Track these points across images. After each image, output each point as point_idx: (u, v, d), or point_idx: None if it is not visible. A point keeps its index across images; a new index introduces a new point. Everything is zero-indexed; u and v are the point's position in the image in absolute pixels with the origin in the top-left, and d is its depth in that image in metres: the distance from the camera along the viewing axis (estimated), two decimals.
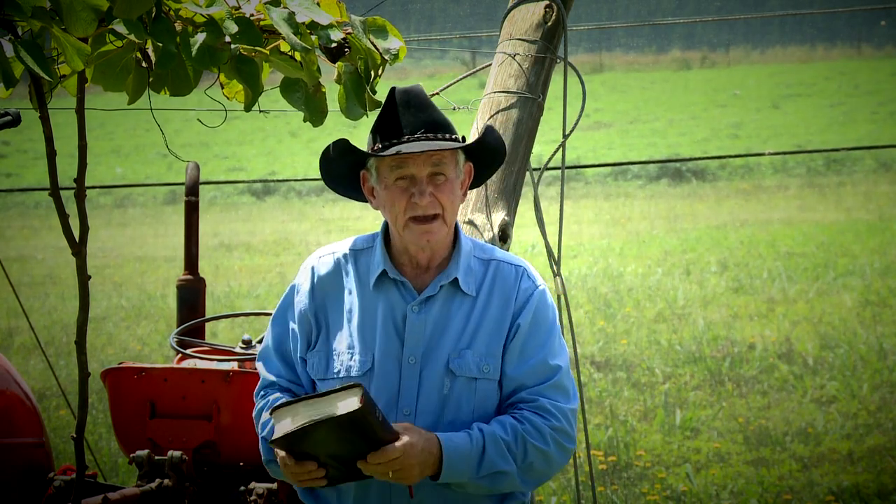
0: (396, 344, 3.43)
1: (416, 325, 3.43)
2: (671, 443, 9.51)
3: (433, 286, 3.45)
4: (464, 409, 3.41)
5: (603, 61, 48.68)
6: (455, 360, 3.42)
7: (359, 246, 3.55)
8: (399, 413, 3.40)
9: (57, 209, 3.40)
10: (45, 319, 14.70)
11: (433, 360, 3.42)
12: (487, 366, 3.43)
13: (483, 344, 3.44)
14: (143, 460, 5.27)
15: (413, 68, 42.28)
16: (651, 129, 34.92)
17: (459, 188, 3.48)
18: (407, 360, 3.42)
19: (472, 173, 3.53)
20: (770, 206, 23.59)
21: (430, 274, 3.48)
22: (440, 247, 3.47)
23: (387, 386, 3.42)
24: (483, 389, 3.42)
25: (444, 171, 3.43)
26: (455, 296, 3.47)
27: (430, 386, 3.41)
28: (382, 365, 3.42)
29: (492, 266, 3.51)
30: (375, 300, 3.46)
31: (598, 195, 26.43)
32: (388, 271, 3.46)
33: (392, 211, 3.44)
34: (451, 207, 3.44)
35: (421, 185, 3.40)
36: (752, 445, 9.37)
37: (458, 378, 3.41)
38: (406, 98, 3.43)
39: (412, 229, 3.42)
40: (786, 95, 39.58)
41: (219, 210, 26.25)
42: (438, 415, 3.41)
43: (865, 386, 10.71)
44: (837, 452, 9.12)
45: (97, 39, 3.28)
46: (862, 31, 49.95)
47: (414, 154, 3.38)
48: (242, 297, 16.14)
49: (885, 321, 13.18)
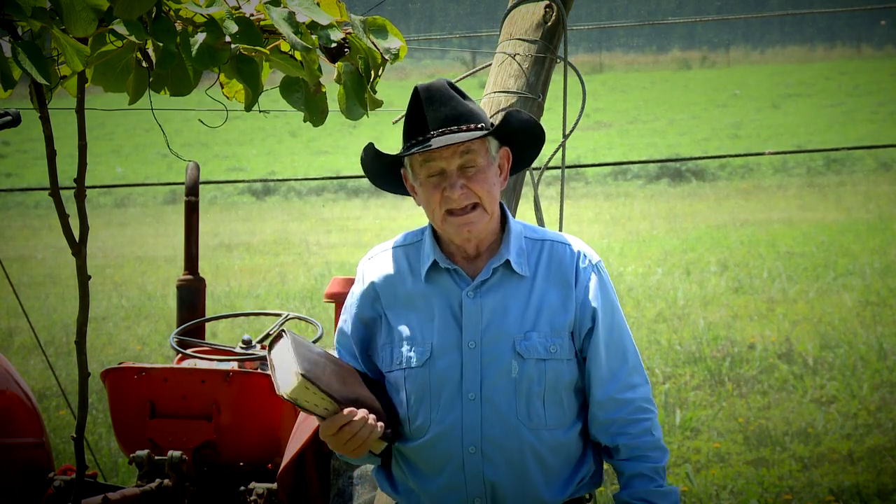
0: (455, 331, 3.44)
1: (472, 310, 3.44)
2: (671, 443, 9.51)
3: (486, 270, 3.46)
4: (535, 391, 3.42)
5: (603, 61, 48.69)
6: (521, 342, 3.42)
7: (408, 241, 3.57)
8: (464, 398, 3.42)
9: (57, 209, 3.40)
10: (45, 319, 14.70)
11: (496, 343, 3.42)
12: (554, 346, 3.44)
13: (546, 324, 3.44)
14: (143, 460, 5.27)
15: (413, 68, 42.28)
16: (651, 129, 34.93)
17: (497, 174, 3.48)
18: (467, 345, 3.43)
19: (510, 157, 3.53)
20: (770, 206, 23.60)
21: (481, 260, 3.49)
22: (485, 234, 3.48)
23: (449, 372, 3.42)
24: (553, 369, 3.44)
25: (475, 160, 3.43)
26: (510, 278, 3.47)
27: (497, 370, 3.41)
28: (442, 353, 3.43)
29: (545, 246, 3.52)
30: (429, 291, 3.48)
31: (598, 195, 26.43)
32: (440, 261, 3.47)
33: (429, 207, 3.46)
34: (487, 196, 3.44)
35: (451, 179, 3.41)
36: (752, 445, 9.37)
37: (526, 360, 3.42)
38: (428, 94, 3.44)
39: (450, 222, 3.43)
40: (786, 95, 39.59)
41: (219, 210, 26.25)
42: (511, 398, 3.41)
43: (865, 386, 10.71)
44: (837, 452, 9.12)
45: (97, 40, 3.28)
46: (862, 31, 49.96)
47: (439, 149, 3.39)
48: (242, 297, 16.15)
49: (885, 321, 13.18)
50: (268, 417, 5.35)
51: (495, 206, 3.48)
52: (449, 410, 3.42)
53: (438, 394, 3.42)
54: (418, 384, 3.43)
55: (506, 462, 3.42)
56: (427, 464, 3.45)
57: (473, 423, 3.41)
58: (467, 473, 3.42)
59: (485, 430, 3.41)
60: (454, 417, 3.42)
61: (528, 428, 3.43)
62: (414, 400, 3.44)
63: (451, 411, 3.42)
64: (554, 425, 3.44)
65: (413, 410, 3.44)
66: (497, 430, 3.41)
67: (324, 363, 3.37)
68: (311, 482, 5.27)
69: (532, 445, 3.43)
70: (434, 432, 3.43)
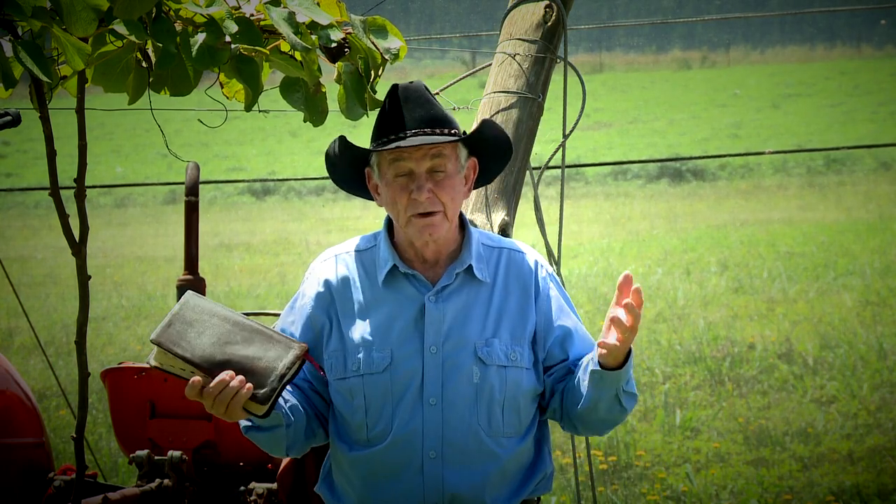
0: (415, 336, 3.43)
1: (434, 315, 3.43)
2: (671, 443, 9.51)
3: (448, 275, 3.46)
4: (496, 397, 3.42)
5: (603, 61, 48.69)
6: (483, 348, 3.43)
7: (361, 246, 3.56)
8: (425, 403, 3.41)
9: (57, 209, 3.40)
10: (45, 319, 14.70)
11: (457, 349, 3.42)
12: (514, 353, 3.45)
13: (507, 332, 3.45)
14: (143, 460, 5.27)
15: (413, 68, 42.26)
16: (651, 129, 34.92)
17: (462, 184, 3.48)
18: (428, 349, 3.42)
19: (476, 168, 3.53)
20: (770, 206, 23.59)
21: (440, 266, 3.48)
22: (445, 241, 3.48)
23: (410, 378, 3.41)
24: (514, 377, 3.44)
25: (444, 165, 3.43)
26: (471, 284, 3.48)
27: (458, 375, 3.41)
28: (402, 358, 3.42)
29: (503, 254, 3.53)
30: (387, 296, 3.46)
31: (598, 195, 26.43)
32: (399, 266, 3.46)
33: (394, 208, 3.44)
34: (451, 203, 3.44)
35: (420, 181, 3.40)
36: (752, 445, 9.37)
37: (488, 367, 3.42)
38: (406, 94, 3.43)
39: (414, 224, 3.42)
40: (786, 95, 39.58)
41: (219, 210, 26.25)
42: (472, 403, 3.41)
43: (865, 386, 10.71)
44: (837, 452, 9.12)
45: (97, 39, 3.28)
46: (862, 30, 49.96)
47: (411, 149, 3.39)
48: (242, 297, 16.14)
49: (885, 321, 13.18)
50: None
51: (456, 214, 3.48)
52: (410, 415, 3.40)
53: (399, 399, 3.41)
54: (379, 390, 3.41)
55: (465, 467, 3.41)
56: (385, 469, 3.43)
57: (434, 428, 3.40)
58: (426, 478, 3.41)
59: (445, 435, 3.40)
60: (415, 423, 3.40)
61: (487, 434, 3.43)
62: (374, 406, 3.42)
63: (413, 416, 3.40)
64: (511, 433, 3.45)
65: (373, 417, 3.42)
66: (457, 434, 3.41)
67: (206, 324, 3.34)
68: (311, 482, 5.27)
69: (491, 451, 3.43)
70: (394, 437, 3.41)
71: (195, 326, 3.33)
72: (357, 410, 3.43)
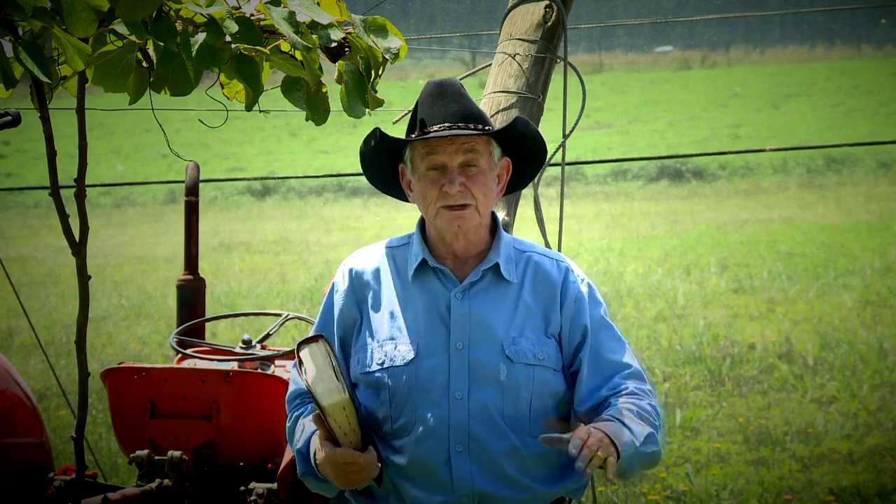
0: (442, 331, 3.43)
1: (460, 311, 3.43)
2: (671, 443, 9.51)
3: (475, 272, 3.46)
4: (523, 395, 3.41)
5: (603, 61, 48.70)
6: (510, 346, 3.42)
7: (394, 244, 3.58)
8: (451, 397, 3.40)
9: (57, 209, 3.40)
10: (45, 319, 14.69)
11: (484, 346, 3.42)
12: (542, 353, 3.44)
13: (533, 332, 3.45)
14: (143, 460, 5.27)
15: (413, 68, 42.28)
16: (651, 129, 34.92)
17: (495, 182, 3.48)
18: (454, 345, 3.42)
19: (509, 169, 3.53)
20: (770, 206, 23.58)
21: (469, 264, 3.49)
22: (476, 237, 3.48)
23: (435, 372, 3.41)
24: (541, 377, 3.43)
25: (477, 160, 3.43)
26: (498, 283, 3.48)
27: (485, 372, 3.40)
28: (428, 353, 3.42)
29: (532, 258, 3.53)
30: (415, 291, 3.47)
31: (598, 195, 26.42)
32: (428, 260, 3.46)
33: (424, 201, 3.45)
34: (483, 199, 3.44)
35: (452, 174, 3.41)
36: (752, 445, 9.37)
37: (515, 364, 3.42)
38: (440, 89, 3.45)
39: (444, 215, 3.43)
40: (786, 95, 39.58)
41: (219, 210, 26.25)
42: (498, 400, 3.40)
43: (865, 386, 10.71)
44: (837, 452, 9.12)
45: (98, 39, 3.28)
46: (862, 30, 49.97)
47: (444, 142, 3.39)
48: (242, 297, 16.14)
49: (885, 321, 13.18)
50: (268, 417, 5.35)
51: (488, 211, 3.48)
52: (435, 408, 3.40)
53: (425, 392, 3.40)
54: (403, 382, 3.41)
55: (492, 462, 3.40)
56: (414, 463, 3.42)
57: (461, 422, 3.39)
58: (454, 472, 3.40)
59: (472, 429, 3.39)
60: (441, 414, 3.39)
61: (514, 431, 3.42)
62: (398, 398, 3.41)
63: (438, 410, 3.40)
64: (539, 432, 3.42)
65: (397, 409, 3.42)
66: (484, 430, 3.40)
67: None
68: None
69: (517, 449, 3.42)
70: (419, 430, 3.40)
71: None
72: (382, 404, 3.44)
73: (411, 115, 3.49)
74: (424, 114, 3.44)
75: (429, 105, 3.44)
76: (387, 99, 3.71)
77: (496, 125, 3.58)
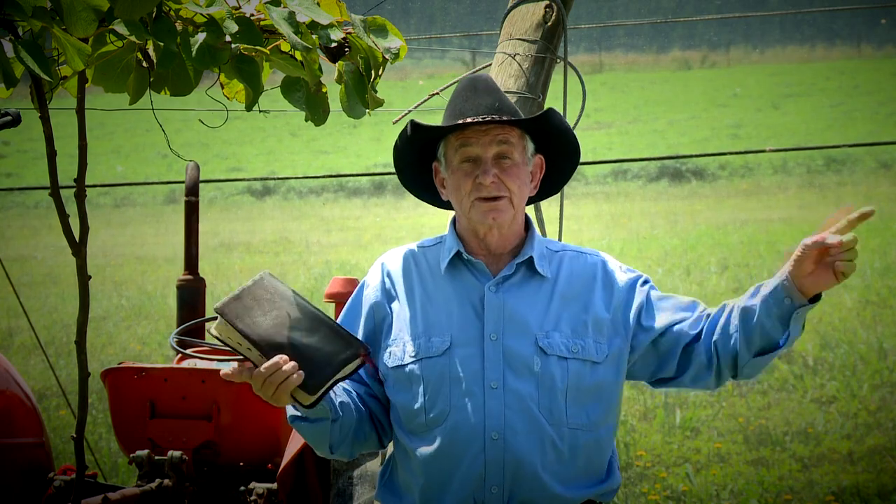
0: (475, 323, 3.43)
1: (494, 303, 3.44)
2: (671, 443, 9.51)
3: (509, 266, 3.46)
4: (558, 387, 3.41)
5: (603, 61, 48.70)
6: (543, 339, 3.42)
7: (427, 243, 3.59)
8: (486, 386, 3.40)
9: (57, 209, 3.40)
10: (45, 319, 14.70)
11: (518, 337, 3.42)
12: (576, 346, 3.44)
13: (568, 326, 3.44)
14: (143, 460, 5.27)
15: (413, 68, 42.28)
16: (651, 129, 34.93)
17: (528, 176, 3.49)
18: (488, 337, 3.42)
19: (542, 167, 3.54)
20: (770, 205, 23.59)
21: (503, 260, 3.49)
22: (510, 233, 3.49)
23: (470, 361, 3.41)
24: (575, 369, 3.43)
25: (511, 153, 3.43)
26: (532, 278, 3.48)
27: (519, 363, 3.40)
28: (462, 343, 3.42)
29: (566, 255, 3.54)
30: (448, 285, 3.48)
31: (598, 195, 26.43)
32: (462, 252, 3.47)
33: (458, 194, 3.45)
34: (517, 191, 3.44)
35: (485, 166, 3.41)
36: (752, 445, 9.37)
37: (549, 357, 3.41)
38: (474, 84, 3.47)
39: (478, 207, 3.43)
40: (786, 95, 39.59)
41: (219, 210, 26.25)
42: (533, 391, 3.40)
43: (865, 386, 10.71)
44: (837, 452, 9.12)
45: (98, 39, 3.28)
46: (862, 30, 49.97)
47: (478, 133, 3.40)
48: None
49: (885, 321, 13.18)
50: (268, 417, 5.35)
51: (522, 204, 3.48)
52: (471, 396, 3.39)
53: (459, 381, 3.39)
54: (437, 372, 3.40)
55: (528, 452, 3.39)
56: (448, 452, 3.40)
57: (497, 411, 3.38)
58: (488, 460, 3.38)
59: (508, 418, 3.38)
60: (476, 403, 3.39)
61: (549, 422, 3.41)
62: (432, 389, 3.40)
63: (474, 398, 3.39)
64: (575, 425, 3.41)
65: (431, 399, 3.40)
66: (520, 419, 3.38)
67: (273, 305, 3.35)
68: (311, 482, 5.27)
69: (552, 440, 3.40)
70: (455, 418, 3.39)
71: (263, 305, 3.36)
72: (416, 397, 3.42)
73: (445, 111, 3.50)
74: (458, 107, 3.45)
75: (462, 99, 3.45)
76: (387, 99, 3.71)
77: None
